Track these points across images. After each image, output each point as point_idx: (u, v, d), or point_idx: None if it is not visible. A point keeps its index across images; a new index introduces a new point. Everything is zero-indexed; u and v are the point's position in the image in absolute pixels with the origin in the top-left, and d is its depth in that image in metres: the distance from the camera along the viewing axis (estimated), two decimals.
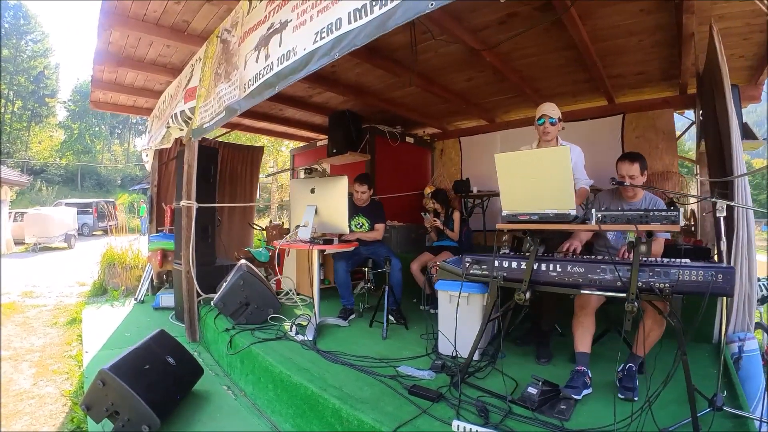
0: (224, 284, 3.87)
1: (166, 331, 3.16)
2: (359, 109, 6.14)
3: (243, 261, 3.98)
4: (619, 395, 2.33)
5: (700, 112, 4.23)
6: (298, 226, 3.55)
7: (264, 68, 2.88)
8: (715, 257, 3.67)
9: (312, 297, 3.63)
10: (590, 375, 2.45)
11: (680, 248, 3.49)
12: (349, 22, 2.17)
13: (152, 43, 4.26)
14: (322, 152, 6.66)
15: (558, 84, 5.21)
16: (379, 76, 4.89)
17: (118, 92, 5.47)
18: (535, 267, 2.23)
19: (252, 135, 12.54)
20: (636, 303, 1.95)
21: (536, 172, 2.19)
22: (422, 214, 4.86)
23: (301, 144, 8.30)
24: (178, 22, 3.89)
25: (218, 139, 7.07)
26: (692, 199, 4.92)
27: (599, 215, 2.06)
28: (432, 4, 1.74)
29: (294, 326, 3.45)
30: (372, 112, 6.24)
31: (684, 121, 5.85)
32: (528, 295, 2.17)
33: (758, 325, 3.42)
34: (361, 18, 2.11)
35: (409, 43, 3.40)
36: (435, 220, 4.68)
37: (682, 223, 1.98)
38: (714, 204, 2.74)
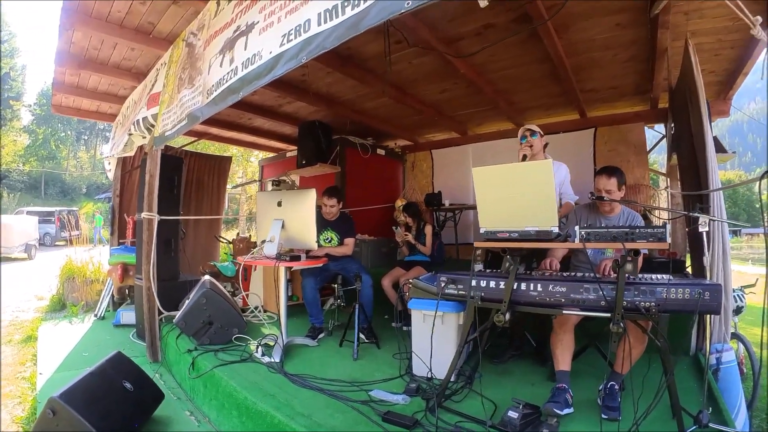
0: (187, 302, 3.63)
1: (124, 353, 2.94)
2: (330, 119, 6.03)
3: (207, 277, 3.75)
4: (603, 415, 2.24)
5: (672, 125, 4.28)
6: (264, 241, 3.36)
7: (228, 73, 2.71)
8: (689, 269, 3.69)
9: (281, 311, 3.43)
10: (571, 393, 2.37)
11: (655, 261, 3.47)
12: (319, 24, 2.04)
13: (116, 45, 4.08)
14: (291, 163, 6.53)
15: (532, 97, 5.23)
16: (351, 86, 4.80)
17: (81, 96, 5.23)
18: (514, 287, 2.11)
19: (222, 144, 12.24)
20: (622, 324, 1.86)
21: (516, 187, 2.09)
22: (393, 228, 4.73)
23: (271, 155, 8.13)
24: (144, 24, 3.73)
25: (185, 148, 6.82)
26: (663, 211, 4.97)
27: (583, 233, 1.96)
28: (408, 3, 1.62)
29: (260, 347, 3.26)
30: (343, 123, 6.15)
31: (653, 134, 5.98)
32: (508, 316, 2.05)
33: (734, 336, 3.43)
34: (331, 19, 1.98)
35: (383, 52, 3.30)
36: (406, 235, 4.56)
37: (669, 240, 1.91)
38: (696, 219, 2.72)
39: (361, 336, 3.61)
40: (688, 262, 3.89)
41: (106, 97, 5.33)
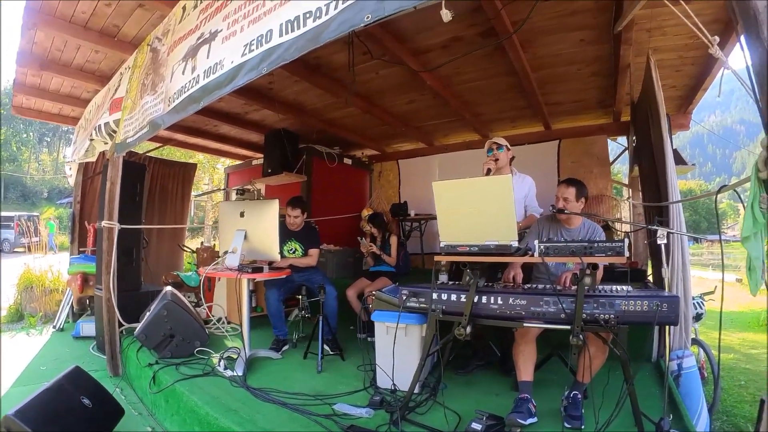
0: (147, 314, 3.52)
1: (82, 367, 2.83)
2: (297, 128, 5.98)
3: (168, 288, 3.64)
4: (566, 424, 2.27)
5: (633, 138, 4.41)
6: (226, 252, 3.29)
7: (190, 81, 2.66)
8: (650, 278, 3.80)
9: (243, 324, 3.36)
10: (534, 403, 2.38)
11: (616, 271, 3.55)
12: (281, 35, 2.02)
13: (80, 47, 3.97)
14: (257, 171, 6.43)
15: (497, 109, 5.30)
16: (319, 95, 4.77)
17: (43, 98, 5.05)
18: (475, 300, 2.12)
19: (187, 150, 12.01)
20: (581, 336, 1.89)
21: (476, 202, 2.10)
22: (358, 238, 4.71)
23: (237, 162, 7.99)
24: (109, 26, 3.64)
25: (149, 154, 6.63)
26: (625, 220, 5.11)
27: (542, 247, 1.99)
28: (368, 17, 1.62)
29: (222, 360, 3.17)
30: (310, 131, 6.10)
31: (616, 146, 6.16)
32: (469, 329, 2.06)
33: (694, 341, 3.53)
34: (293, 30, 1.97)
35: (349, 62, 3.30)
36: (371, 246, 4.54)
37: (627, 254, 1.95)
38: (655, 231, 2.80)
39: (326, 348, 3.57)
40: (650, 271, 4.00)
41: (68, 99, 5.16)
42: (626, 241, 1.92)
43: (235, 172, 7.81)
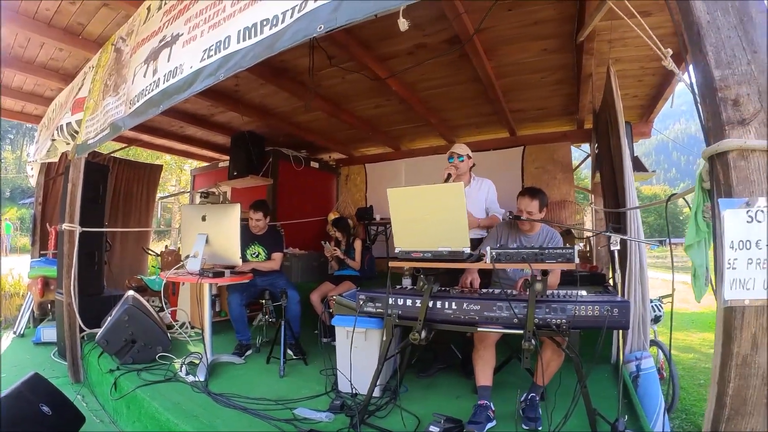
0: (109, 319, 3.45)
1: (42, 374, 2.76)
2: (264, 131, 5.94)
3: (130, 292, 3.58)
4: (523, 426, 2.33)
5: (596, 145, 4.54)
6: (188, 256, 3.25)
7: (151, 84, 2.63)
8: (611, 281, 3.91)
9: (205, 329, 3.33)
10: (493, 408, 2.43)
11: (576, 275, 3.65)
12: (238, 42, 2.03)
13: (43, 45, 3.89)
14: (223, 174, 6.35)
15: (463, 115, 5.37)
16: (285, 98, 4.75)
17: (4, 95, 4.90)
18: (430, 305, 2.16)
19: (153, 151, 11.77)
20: (533, 341, 1.94)
21: (430, 209, 2.14)
22: (322, 243, 4.71)
23: (203, 164, 7.87)
24: (73, 24, 3.58)
25: (114, 155, 6.47)
26: (587, 226, 5.24)
27: (494, 253, 2.03)
28: (321, 27, 1.64)
29: (184, 366, 3.14)
30: (277, 134, 6.08)
31: (580, 153, 6.35)
32: (423, 334, 2.09)
33: (653, 343, 3.65)
34: (250, 38, 1.98)
35: (317, 66, 3.31)
36: (335, 250, 4.55)
37: (577, 260, 2.01)
38: (608, 237, 2.89)
39: (289, 352, 3.56)
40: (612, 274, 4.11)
41: (31, 97, 5.04)
42: (577, 248, 1.99)
43: (202, 174, 7.70)
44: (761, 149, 1.33)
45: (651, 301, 3.54)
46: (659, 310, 4.07)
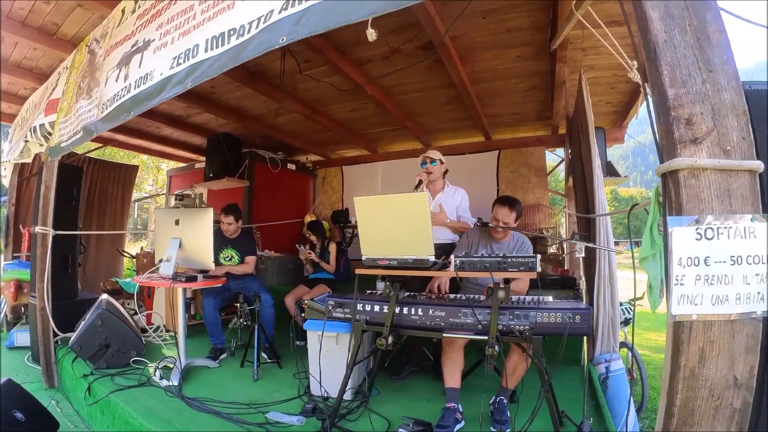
0: (82, 323, 3.42)
1: (14, 379, 2.73)
2: (240, 132, 5.91)
3: (104, 296, 3.54)
4: (492, 428, 2.38)
5: (569, 151, 4.62)
6: (161, 261, 3.25)
7: (122, 89, 2.63)
8: (581, 284, 4.01)
9: (179, 334, 3.33)
10: (461, 410, 2.47)
11: (548, 279, 3.73)
12: (206, 51, 2.04)
13: (17, 44, 3.83)
14: (200, 175, 6.28)
15: (439, 120, 5.41)
16: (262, 101, 4.73)
17: None
18: (397, 311, 2.20)
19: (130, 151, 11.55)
20: (496, 347, 1.99)
21: (395, 217, 2.18)
22: (297, 246, 4.70)
23: (180, 165, 7.75)
24: (47, 24, 3.53)
25: (89, 155, 6.36)
26: (563, 229, 5.33)
27: (458, 261, 2.08)
28: (283, 39, 1.67)
29: (158, 370, 3.13)
30: (253, 136, 6.04)
31: (555, 157, 6.41)
32: (390, 339, 2.13)
33: (623, 345, 3.74)
34: (217, 47, 1.99)
35: (292, 69, 3.32)
36: (310, 253, 4.55)
37: (539, 269, 2.07)
38: (585, 239, 2.96)
39: (264, 355, 3.58)
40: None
41: (5, 96, 4.91)
42: (550, 251, 2.04)
43: (178, 175, 7.60)
44: (712, 168, 1.36)
45: (621, 304, 3.62)
46: (629, 313, 4.16)
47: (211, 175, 5.79)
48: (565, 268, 4.70)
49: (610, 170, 4.44)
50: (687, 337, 1.34)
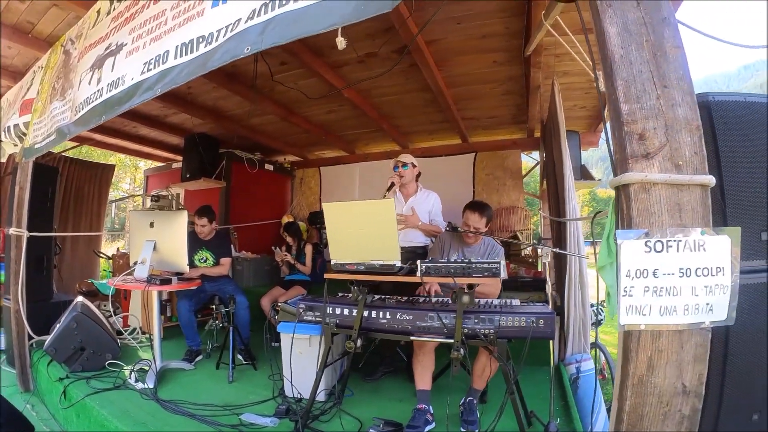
0: (57, 326, 3.40)
1: None
2: (218, 132, 5.85)
3: (79, 299, 3.52)
4: (461, 429, 2.43)
5: (544, 154, 4.70)
6: (136, 263, 3.25)
7: (95, 93, 2.62)
8: (554, 286, 4.09)
9: (154, 336, 3.34)
10: (432, 411, 2.51)
11: (521, 281, 3.80)
12: (175, 57, 2.05)
13: None
14: (177, 175, 6.21)
15: (415, 122, 5.45)
16: (238, 102, 4.71)
17: None
18: (366, 314, 2.25)
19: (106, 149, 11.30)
20: (461, 350, 2.05)
21: (363, 223, 2.23)
22: (273, 248, 4.72)
23: (157, 164, 7.65)
24: (22, 22, 3.49)
25: (65, 154, 6.24)
26: (540, 231, 5.42)
27: (423, 267, 2.13)
28: (248, 49, 1.70)
29: (133, 373, 3.13)
30: (231, 136, 5.97)
31: (531, 160, 6.50)
32: (359, 342, 2.18)
33: (594, 345, 3.83)
34: (186, 54, 2.01)
35: (268, 72, 3.33)
36: (285, 255, 4.56)
37: (504, 275, 2.12)
38: (557, 242, 3.03)
39: (239, 357, 3.60)
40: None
41: None
42: (502, 263, 2.10)
43: (155, 175, 7.50)
44: (663, 183, 1.38)
45: (591, 306, 3.71)
46: (600, 314, 4.25)
47: (187, 176, 5.74)
48: (539, 270, 4.79)
49: (584, 173, 4.53)
50: (635, 346, 1.37)
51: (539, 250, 4.85)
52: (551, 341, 3.34)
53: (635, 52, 1.50)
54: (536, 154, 6.02)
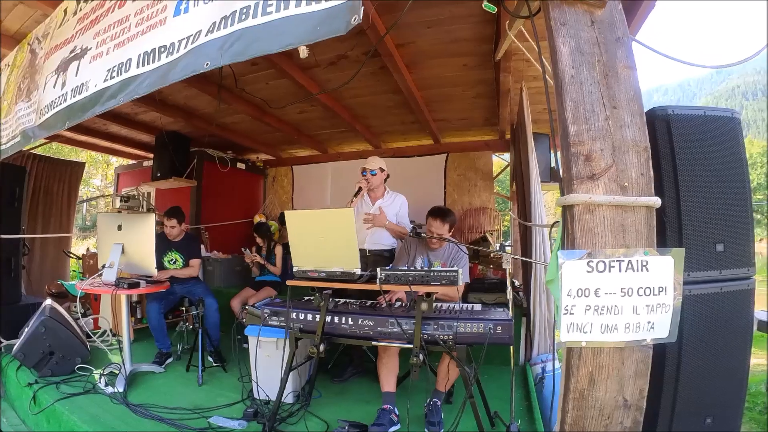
0: (26, 330, 3.37)
1: None
2: (189, 131, 5.77)
3: (47, 302, 3.48)
4: (425, 430, 2.49)
5: (513, 156, 4.78)
6: (104, 266, 3.24)
7: (59, 97, 2.60)
8: (516, 283, 4.17)
9: (123, 340, 3.33)
10: (397, 412, 2.57)
11: (488, 283, 3.87)
12: (138, 66, 2.06)
13: None
14: (149, 173, 6.10)
15: (387, 123, 5.46)
16: (209, 101, 4.66)
17: None
18: (329, 319, 2.30)
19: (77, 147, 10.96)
20: (421, 356, 2.11)
21: (324, 232, 2.28)
22: (242, 249, 4.70)
23: (129, 162, 7.50)
24: None
25: (33, 151, 6.03)
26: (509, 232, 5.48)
27: (383, 275, 2.19)
28: (207, 64, 1.72)
29: (103, 377, 3.12)
30: (202, 135, 5.88)
31: (503, 161, 6.58)
32: (322, 348, 2.23)
33: (560, 345, 3.92)
34: (148, 63, 2.02)
35: (238, 72, 3.32)
36: (255, 256, 4.56)
37: (466, 280, 2.18)
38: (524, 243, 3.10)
39: (209, 359, 3.62)
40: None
41: None
42: (460, 271, 2.16)
43: (126, 173, 7.37)
44: (607, 204, 1.41)
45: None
46: None
47: (158, 175, 5.66)
48: (515, 256, 4.86)
49: (554, 175, 4.61)
50: (577, 361, 1.42)
51: (506, 251, 4.95)
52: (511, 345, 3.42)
53: (586, 72, 1.52)
54: (508, 156, 6.08)
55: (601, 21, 1.59)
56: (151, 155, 6.31)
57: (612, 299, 1.40)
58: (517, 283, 4.26)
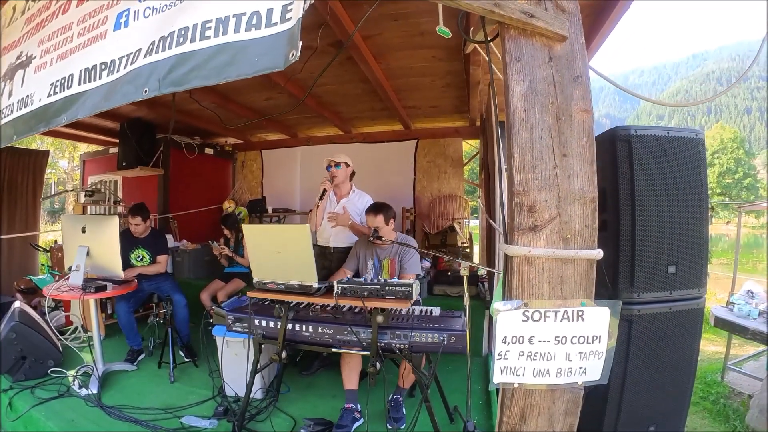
0: None
1: None
2: (153, 117, 5.62)
3: (17, 304, 3.45)
4: (388, 425, 2.59)
5: (483, 145, 4.78)
6: (70, 268, 3.23)
7: (7, 107, 2.51)
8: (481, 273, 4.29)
9: (95, 342, 3.33)
10: (359, 409, 2.69)
11: (453, 276, 3.95)
12: (79, 83, 2.00)
13: None
14: (114, 161, 5.98)
15: (356, 110, 5.40)
16: None
17: None
18: (290, 327, 2.38)
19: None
20: (378, 364, 2.20)
21: (281, 246, 2.34)
22: (209, 242, 4.65)
23: (95, 148, 7.32)
24: None
25: None
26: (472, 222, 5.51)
27: (339, 289, 2.25)
28: (146, 92, 1.69)
29: (77, 379, 3.16)
30: (167, 122, 5.68)
31: (473, 149, 6.58)
32: (284, 354, 2.31)
33: (494, 386, 4.04)
34: (90, 81, 1.96)
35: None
36: (223, 248, 4.52)
37: (415, 297, 2.24)
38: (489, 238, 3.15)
39: (180, 354, 3.65)
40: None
41: None
42: (414, 285, 2.23)
43: (92, 160, 7.20)
44: (546, 257, 1.39)
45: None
46: None
47: (124, 164, 5.56)
48: (473, 262, 4.95)
49: None
50: (509, 399, 1.47)
51: (471, 238, 4.98)
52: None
53: (538, 115, 1.45)
54: (477, 143, 6.09)
55: (559, 57, 1.51)
56: (117, 140, 6.13)
57: (545, 347, 1.43)
58: (482, 272, 4.34)
